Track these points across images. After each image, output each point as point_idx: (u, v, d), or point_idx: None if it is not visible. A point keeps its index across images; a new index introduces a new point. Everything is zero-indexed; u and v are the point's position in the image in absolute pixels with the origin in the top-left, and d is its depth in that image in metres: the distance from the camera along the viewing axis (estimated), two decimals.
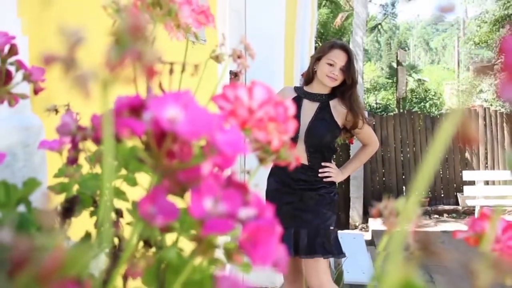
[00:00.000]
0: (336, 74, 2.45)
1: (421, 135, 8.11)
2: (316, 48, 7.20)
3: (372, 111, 13.25)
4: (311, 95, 2.53)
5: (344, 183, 7.65)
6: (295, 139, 2.41)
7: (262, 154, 0.43)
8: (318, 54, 2.55)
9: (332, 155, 2.59)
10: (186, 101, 0.33)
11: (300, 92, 2.57)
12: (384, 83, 17.59)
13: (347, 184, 7.86)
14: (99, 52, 0.29)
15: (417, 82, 16.22)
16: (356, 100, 2.49)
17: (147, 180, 0.40)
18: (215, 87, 0.56)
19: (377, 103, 16.44)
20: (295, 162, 0.44)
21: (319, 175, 2.48)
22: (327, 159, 2.53)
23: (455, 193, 8.01)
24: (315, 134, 2.45)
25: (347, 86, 2.48)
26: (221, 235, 0.33)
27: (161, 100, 0.32)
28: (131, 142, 0.35)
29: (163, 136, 0.33)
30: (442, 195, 8.09)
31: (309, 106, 2.51)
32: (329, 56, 2.47)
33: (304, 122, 2.46)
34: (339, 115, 2.49)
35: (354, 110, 2.47)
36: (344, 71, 2.46)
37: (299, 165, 0.45)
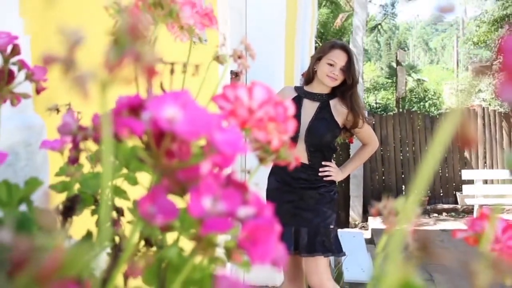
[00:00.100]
0: (336, 74, 2.45)
1: (420, 134, 8.11)
2: (316, 48, 7.19)
3: (372, 110, 13.24)
4: (311, 95, 2.53)
5: (344, 182, 7.65)
6: (295, 139, 2.41)
7: (262, 154, 0.43)
8: (319, 54, 2.55)
9: (332, 154, 2.59)
10: (185, 100, 0.32)
11: (300, 91, 2.57)
12: (383, 83, 17.59)
13: (347, 183, 7.86)
14: (101, 52, 0.29)
15: (416, 82, 16.22)
16: (356, 99, 2.49)
17: (148, 179, 0.40)
18: (216, 87, 0.56)
19: (376, 103, 16.43)
20: (295, 161, 0.44)
21: (319, 174, 2.48)
22: (327, 158, 2.53)
23: (454, 192, 8.01)
24: (316, 133, 2.45)
25: (348, 86, 2.48)
26: (220, 234, 0.33)
27: (159, 100, 0.32)
28: (132, 142, 0.35)
29: (162, 136, 0.33)
30: (441, 194, 8.10)
31: (309, 106, 2.51)
32: (329, 56, 2.47)
33: (304, 122, 2.47)
34: (339, 114, 2.49)
35: (354, 110, 2.47)
36: (345, 71, 2.46)
37: (299, 164, 0.45)
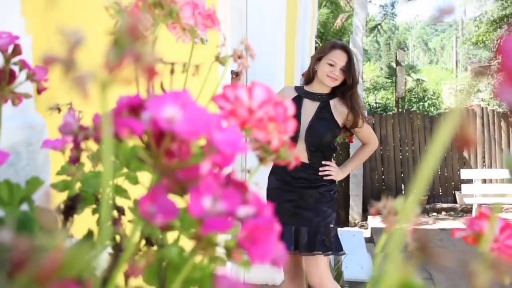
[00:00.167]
0: (336, 74, 2.45)
1: (419, 134, 8.12)
2: (316, 48, 7.19)
3: (372, 110, 13.23)
4: (311, 95, 2.54)
5: (343, 181, 7.65)
6: (295, 138, 2.41)
7: (262, 154, 0.44)
8: (319, 54, 2.55)
9: (332, 154, 2.59)
10: (185, 100, 0.33)
11: (300, 91, 2.57)
12: (383, 83, 17.57)
13: (347, 182, 7.87)
14: (101, 53, 0.29)
15: (416, 82, 16.20)
16: (356, 99, 2.50)
17: (149, 179, 0.40)
18: (216, 87, 0.56)
19: (376, 103, 16.41)
20: (295, 161, 0.45)
21: (319, 173, 2.49)
22: (327, 157, 2.54)
23: (453, 191, 8.02)
24: (316, 133, 2.46)
25: (348, 86, 2.49)
26: (220, 233, 0.33)
27: (159, 100, 0.32)
28: (132, 142, 0.35)
29: (162, 136, 0.33)
30: (440, 193, 8.11)
31: (309, 106, 2.51)
32: (329, 56, 2.47)
33: (304, 121, 2.47)
34: (339, 114, 2.50)
35: (354, 110, 2.48)
36: (345, 71, 2.46)
37: (299, 163, 0.45)
